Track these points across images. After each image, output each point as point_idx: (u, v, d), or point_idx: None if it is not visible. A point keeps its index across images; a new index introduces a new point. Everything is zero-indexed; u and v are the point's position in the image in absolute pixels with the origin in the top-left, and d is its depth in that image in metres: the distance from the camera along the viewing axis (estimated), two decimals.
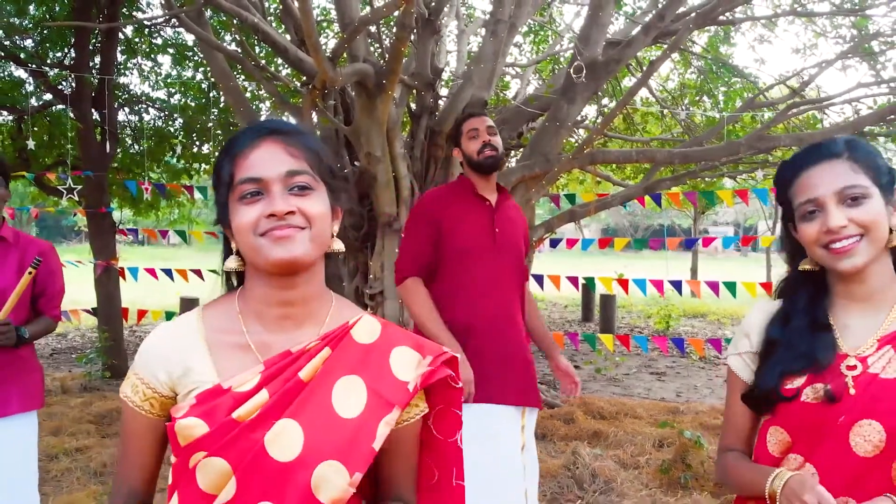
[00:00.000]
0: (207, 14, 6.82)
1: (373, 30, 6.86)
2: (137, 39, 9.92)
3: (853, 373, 1.37)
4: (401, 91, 6.40)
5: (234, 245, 1.24)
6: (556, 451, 5.31)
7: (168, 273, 7.99)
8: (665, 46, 7.27)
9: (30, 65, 7.97)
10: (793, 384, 1.40)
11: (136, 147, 10.12)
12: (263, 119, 1.28)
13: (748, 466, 1.47)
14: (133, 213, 11.22)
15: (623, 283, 7.53)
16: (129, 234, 9.38)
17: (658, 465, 4.83)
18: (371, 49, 6.37)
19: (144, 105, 10.35)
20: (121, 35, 9.01)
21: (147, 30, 9.69)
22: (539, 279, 7.56)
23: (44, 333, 3.08)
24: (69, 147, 9.18)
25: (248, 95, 8.59)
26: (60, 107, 9.42)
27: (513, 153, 8.12)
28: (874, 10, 8.06)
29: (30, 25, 8.83)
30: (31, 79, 8.91)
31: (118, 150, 9.09)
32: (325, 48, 5.93)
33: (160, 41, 10.12)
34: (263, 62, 7.39)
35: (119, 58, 9.33)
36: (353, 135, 6.02)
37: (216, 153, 10.03)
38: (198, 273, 7.89)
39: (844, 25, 8.84)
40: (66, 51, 9.13)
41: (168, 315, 8.20)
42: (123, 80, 10.03)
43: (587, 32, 6.00)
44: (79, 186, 7.37)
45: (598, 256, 37.73)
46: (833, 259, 1.38)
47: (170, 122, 10.30)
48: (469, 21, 10.01)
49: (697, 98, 10.17)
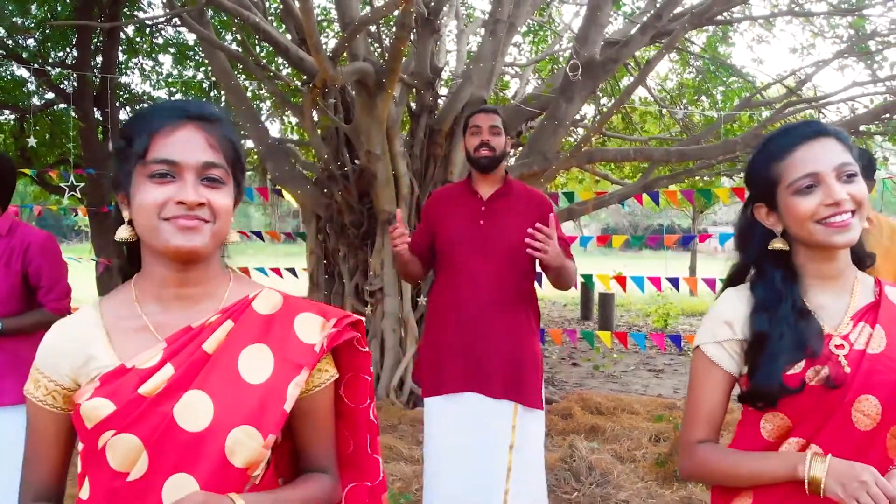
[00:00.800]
0: (208, 13, 6.88)
1: (372, 29, 6.92)
2: (138, 39, 9.99)
3: (842, 352, 1.40)
4: (400, 90, 6.46)
5: (128, 215, 1.22)
6: (554, 446, 5.36)
7: None
8: (662, 46, 7.34)
9: (32, 64, 8.03)
10: (793, 372, 1.41)
11: None
12: (185, 100, 1.24)
13: (747, 455, 1.44)
14: None
15: (621, 281, 7.60)
16: None
17: (654, 459, 4.89)
18: (371, 48, 6.43)
19: (146, 104, 10.41)
20: (122, 35, 9.08)
21: (148, 29, 9.76)
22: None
23: (38, 327, 2.90)
24: (70, 146, 9.25)
25: (248, 94, 8.64)
26: (62, 106, 9.51)
27: (512, 152, 8.19)
28: (871, 10, 8.13)
29: (31, 25, 8.89)
30: (33, 78, 8.97)
31: None
32: (325, 48, 5.98)
33: (161, 41, 10.20)
34: (264, 61, 7.46)
35: (120, 57, 9.39)
36: (354, 133, 6.09)
37: None
38: None
39: (842, 25, 8.90)
40: (68, 50, 9.20)
41: None
42: (124, 80, 10.11)
43: (585, 32, 6.06)
44: (81, 184, 7.43)
45: (598, 256, 37.79)
46: (829, 233, 1.40)
47: None
48: (468, 21, 10.08)
49: (695, 97, 10.24)
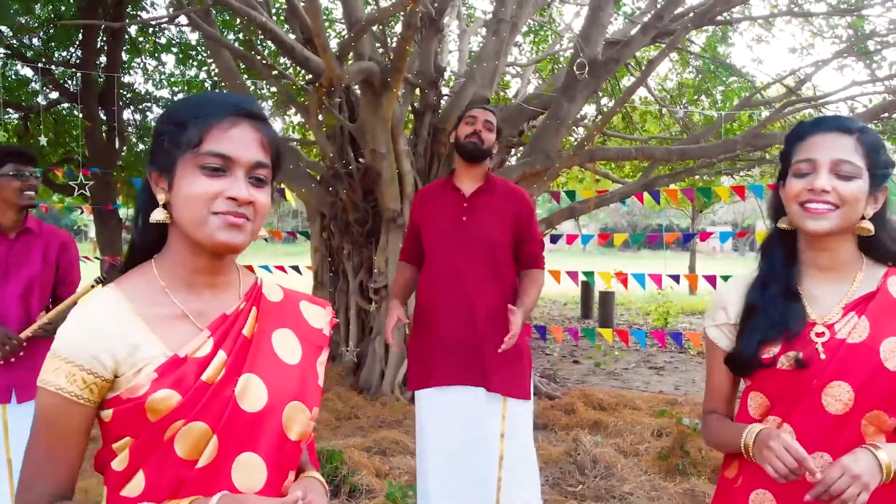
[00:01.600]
0: (212, 13, 6.93)
1: (375, 29, 6.98)
2: (141, 39, 10.05)
3: (822, 339, 1.50)
4: (404, 89, 6.53)
5: (164, 198, 1.22)
6: (557, 440, 5.43)
7: None
8: (663, 46, 7.40)
9: (38, 64, 8.09)
10: (770, 353, 1.53)
11: (141, 145, 10.25)
12: (237, 95, 1.25)
13: (728, 426, 1.61)
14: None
15: (622, 279, 7.67)
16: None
17: (657, 453, 4.95)
18: (376, 48, 6.50)
19: (149, 104, 10.48)
20: (125, 34, 9.13)
21: (151, 29, 9.82)
22: None
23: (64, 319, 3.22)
24: (74, 145, 9.31)
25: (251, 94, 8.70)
26: (66, 105, 9.57)
27: (514, 150, 8.25)
28: (870, 11, 8.20)
29: (35, 24, 8.95)
30: (38, 77, 9.02)
31: (123, 149, 9.23)
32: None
33: (164, 40, 10.25)
34: (269, 61, 7.51)
35: (123, 57, 9.45)
36: (359, 132, 6.15)
37: None
38: None
39: (841, 25, 8.97)
40: (73, 50, 9.26)
41: None
42: (128, 79, 10.17)
43: (587, 32, 6.13)
44: (90, 183, 7.49)
45: (598, 256, 37.88)
46: (803, 217, 1.49)
47: None
48: (470, 21, 10.15)
49: (695, 97, 10.31)
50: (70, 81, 9.21)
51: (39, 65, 7.72)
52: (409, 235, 3.26)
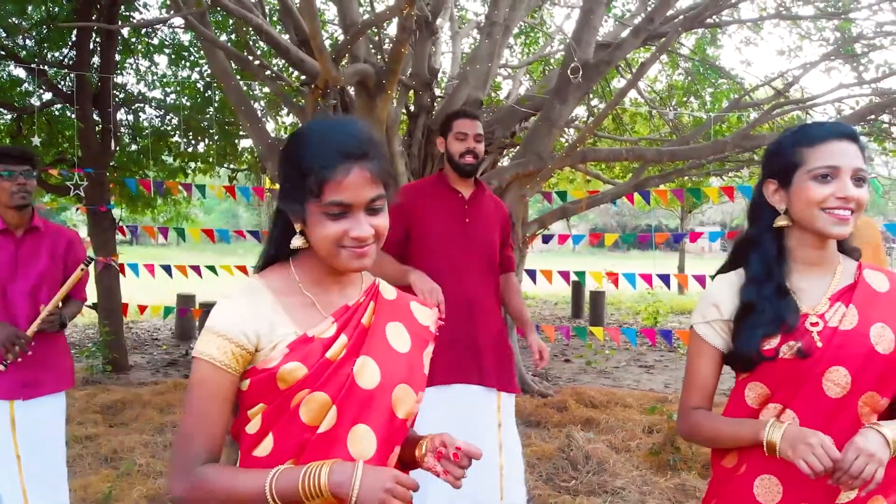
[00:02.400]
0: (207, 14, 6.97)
1: (370, 31, 7.03)
2: (134, 39, 10.05)
3: (817, 329, 1.60)
4: (399, 91, 6.59)
5: (299, 227, 1.43)
6: (550, 437, 5.51)
7: (167, 269, 8.14)
8: (654, 48, 7.49)
9: (32, 65, 8.11)
10: (770, 345, 1.61)
11: (134, 146, 10.26)
12: (349, 137, 1.38)
13: (726, 421, 1.66)
14: (129, 212, 11.36)
15: (614, 278, 7.76)
16: (128, 232, 9.53)
17: (648, 449, 5.05)
18: (371, 50, 6.56)
19: (141, 104, 10.48)
20: (119, 35, 9.14)
21: (144, 30, 9.82)
22: (532, 274, 7.79)
23: (76, 315, 3.34)
24: (66, 146, 9.32)
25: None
26: (60, 106, 9.57)
27: (506, 151, 8.32)
28: (857, 14, 8.32)
29: (28, 25, 8.95)
30: (31, 78, 9.03)
31: (116, 149, 9.24)
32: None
33: (157, 41, 10.26)
34: (264, 61, 7.56)
35: (116, 57, 9.45)
36: None
37: (212, 152, 10.20)
38: (196, 270, 8.04)
39: (828, 28, 9.09)
40: (66, 51, 9.27)
41: (166, 311, 8.37)
42: (121, 80, 10.17)
43: (579, 35, 6.20)
44: (84, 183, 7.52)
45: (588, 256, 37.97)
46: (830, 222, 1.58)
47: (167, 122, 10.45)
48: (462, 23, 10.22)
49: (685, 99, 10.41)
50: (63, 82, 9.22)
51: (33, 65, 7.75)
52: (395, 229, 3.25)
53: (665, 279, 7.25)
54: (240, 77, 8.23)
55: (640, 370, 9.04)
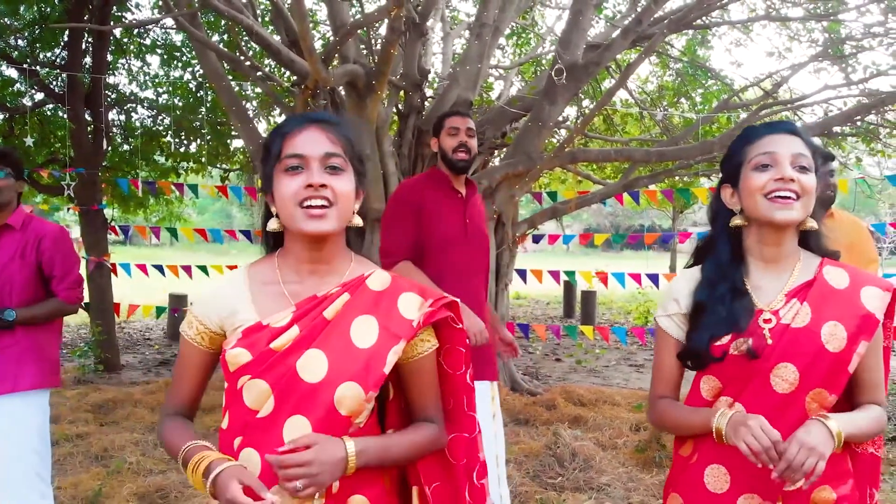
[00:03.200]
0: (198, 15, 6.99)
1: (360, 32, 7.07)
2: (126, 40, 10.07)
3: (769, 325, 1.63)
4: (389, 92, 6.63)
5: (275, 210, 1.51)
6: (538, 435, 5.55)
7: (160, 269, 8.16)
8: (642, 49, 7.55)
9: (23, 65, 8.12)
10: (720, 343, 1.65)
11: (126, 146, 10.27)
12: (311, 112, 1.54)
13: (692, 411, 1.70)
14: (121, 211, 11.37)
15: (603, 277, 7.83)
16: (120, 232, 9.55)
17: (635, 446, 5.10)
18: (361, 51, 6.60)
19: (133, 104, 10.50)
20: (111, 35, 9.15)
21: (136, 30, 9.84)
22: (522, 274, 7.84)
23: (52, 315, 3.14)
24: (58, 146, 9.32)
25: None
26: (52, 106, 9.58)
27: (497, 152, 8.37)
28: (845, 15, 8.39)
29: (20, 26, 8.95)
30: (23, 78, 9.04)
31: (108, 149, 9.25)
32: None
33: (148, 41, 10.28)
34: (255, 62, 7.59)
35: (108, 58, 9.47)
36: None
37: (204, 152, 10.21)
38: (187, 270, 8.06)
39: (817, 30, 9.17)
40: (58, 51, 9.27)
41: (158, 311, 8.39)
42: (112, 80, 10.18)
43: (568, 36, 6.26)
44: (74, 182, 7.53)
45: (580, 256, 38.02)
46: (772, 208, 1.60)
47: (158, 122, 10.47)
48: (453, 24, 10.27)
49: (675, 99, 10.48)
50: (55, 82, 9.23)
51: (25, 66, 7.76)
52: (407, 228, 3.19)
53: (654, 279, 7.31)
54: (231, 77, 8.26)
55: (630, 369, 9.10)
